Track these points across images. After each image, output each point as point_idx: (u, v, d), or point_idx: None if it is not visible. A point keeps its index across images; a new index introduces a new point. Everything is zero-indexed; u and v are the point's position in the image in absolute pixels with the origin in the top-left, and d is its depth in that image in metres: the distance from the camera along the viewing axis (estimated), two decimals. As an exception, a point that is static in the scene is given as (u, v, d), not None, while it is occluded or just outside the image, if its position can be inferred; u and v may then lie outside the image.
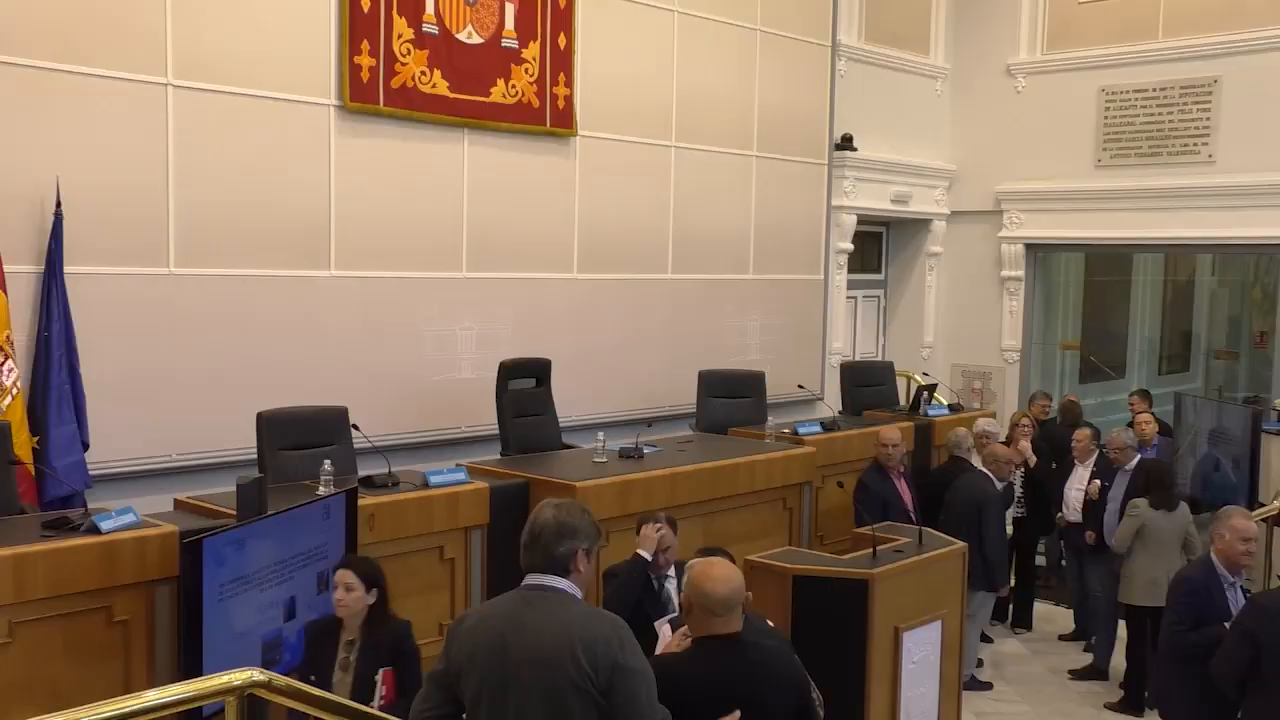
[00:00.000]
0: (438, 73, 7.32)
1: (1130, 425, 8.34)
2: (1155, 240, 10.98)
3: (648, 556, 4.72)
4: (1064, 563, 8.67)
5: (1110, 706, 6.87)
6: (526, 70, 7.84)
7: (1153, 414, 9.06)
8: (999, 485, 7.20)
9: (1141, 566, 6.70)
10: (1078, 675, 7.35)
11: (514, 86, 7.78)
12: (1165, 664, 5.13)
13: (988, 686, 7.19)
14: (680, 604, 3.58)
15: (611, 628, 3.02)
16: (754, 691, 3.29)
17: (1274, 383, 10.20)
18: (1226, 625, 4.77)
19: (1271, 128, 9.91)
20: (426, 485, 5.56)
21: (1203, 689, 4.81)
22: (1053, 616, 8.47)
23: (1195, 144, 10.41)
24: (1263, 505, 8.07)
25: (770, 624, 4.24)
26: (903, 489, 7.09)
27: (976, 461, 7.54)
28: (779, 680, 3.38)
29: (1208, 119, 10.31)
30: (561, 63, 8.04)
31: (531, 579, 3.08)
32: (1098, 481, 7.58)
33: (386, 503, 5.30)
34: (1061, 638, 8.05)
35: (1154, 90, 10.61)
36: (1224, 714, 4.84)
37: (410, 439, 7.31)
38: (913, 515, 6.89)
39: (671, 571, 4.84)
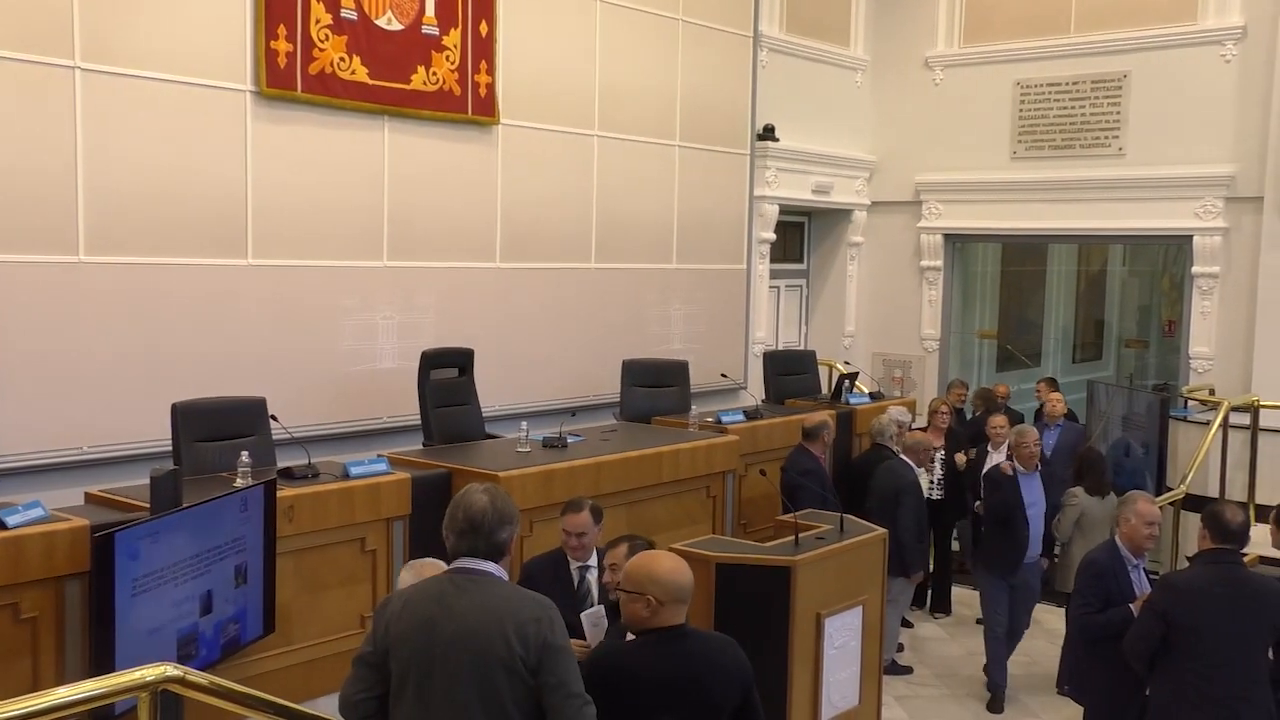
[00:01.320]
0: (357, 59, 7.22)
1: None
2: (1069, 231, 11.24)
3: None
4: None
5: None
6: (447, 58, 7.76)
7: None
8: (916, 473, 7.30)
9: (1079, 554, 6.83)
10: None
11: (435, 74, 7.70)
12: (1074, 646, 5.25)
13: (908, 670, 7.31)
14: (617, 593, 3.53)
15: (541, 608, 3.06)
16: (701, 683, 3.28)
17: (1182, 370, 10.48)
18: (1132, 606, 4.90)
19: (1178, 122, 10.18)
20: (347, 476, 5.49)
21: (1112, 669, 4.94)
22: (970, 600, 8.63)
23: (1106, 137, 10.66)
24: (1171, 489, 8.30)
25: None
26: None
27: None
28: (726, 673, 3.36)
29: (1118, 113, 10.57)
30: (483, 50, 7.97)
31: (463, 563, 3.09)
32: (962, 455, 7.86)
33: (306, 494, 5.22)
34: (979, 621, 8.21)
35: (1067, 84, 10.84)
36: (1132, 693, 4.98)
37: (331, 430, 7.22)
38: None
39: (592, 561, 4.83)
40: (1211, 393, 9.80)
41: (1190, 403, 9.73)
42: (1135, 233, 10.89)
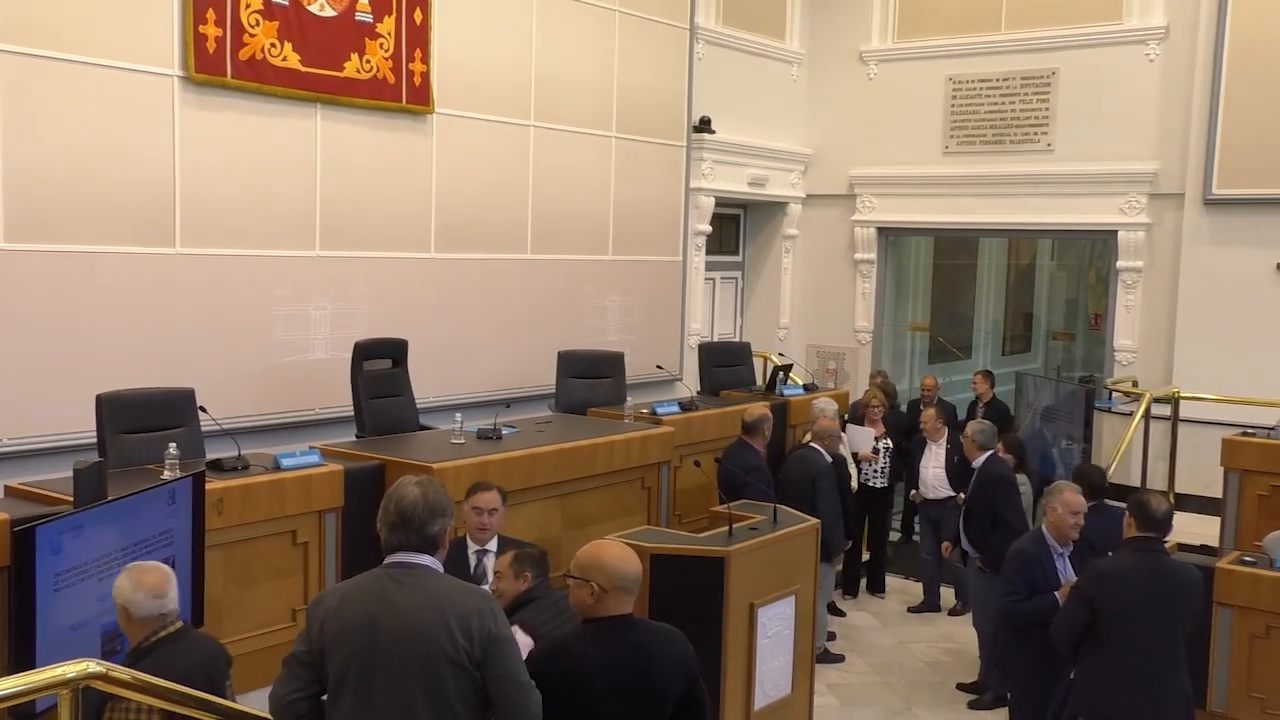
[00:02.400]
0: (288, 45, 7.12)
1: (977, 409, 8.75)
2: (999, 225, 11.43)
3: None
4: (917, 537, 8.99)
5: (961, 687, 7.07)
6: (381, 45, 7.68)
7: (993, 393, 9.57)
8: (829, 459, 7.34)
9: None
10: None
11: (368, 61, 7.62)
12: (1001, 633, 5.35)
13: (840, 659, 7.39)
14: (568, 579, 3.49)
15: (483, 600, 3.06)
16: (648, 672, 3.30)
17: (1107, 362, 10.72)
18: (1057, 594, 5.02)
19: (1104, 119, 10.40)
20: (278, 468, 5.42)
21: (1037, 656, 5.06)
22: (905, 589, 8.76)
23: (1036, 133, 10.85)
24: (1095, 478, 8.48)
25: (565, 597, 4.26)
26: None
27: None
28: (672, 663, 3.38)
29: (1047, 109, 10.76)
30: (418, 39, 7.90)
31: (399, 557, 3.05)
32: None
33: (236, 486, 5.15)
34: (911, 610, 8.33)
35: (997, 80, 11.01)
36: (1056, 680, 5.09)
37: (261, 421, 7.13)
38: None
39: (492, 545, 4.82)
40: (1135, 385, 10.04)
41: (1114, 394, 9.96)
42: (1062, 227, 11.11)
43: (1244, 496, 7.09)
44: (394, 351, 7.22)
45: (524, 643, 3.64)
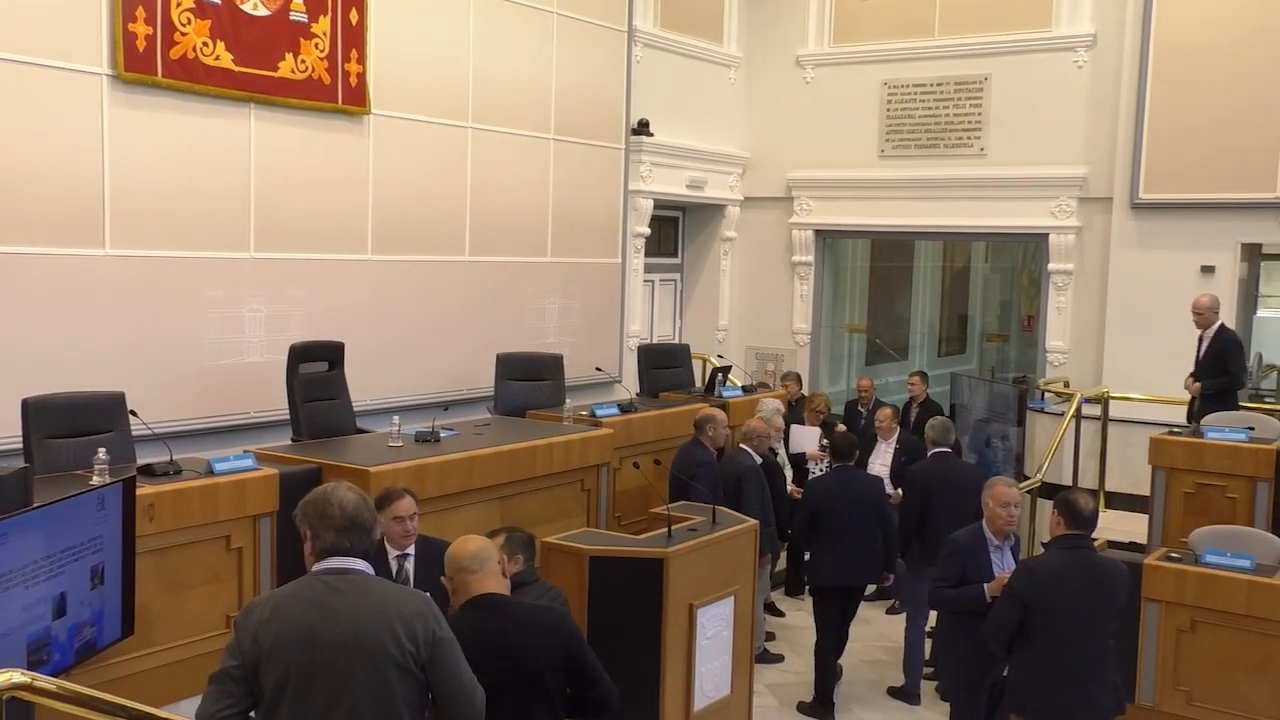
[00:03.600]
0: (221, 44, 7.02)
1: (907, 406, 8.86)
2: (934, 228, 11.59)
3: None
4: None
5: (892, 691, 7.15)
6: (317, 45, 7.60)
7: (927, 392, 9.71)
8: (757, 459, 7.39)
9: None
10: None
11: (303, 61, 7.53)
12: (940, 624, 5.45)
13: (779, 659, 7.44)
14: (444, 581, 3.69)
15: (424, 603, 3.05)
16: (513, 646, 3.47)
17: (1039, 363, 10.90)
18: (986, 587, 5.10)
19: (1035, 124, 10.59)
20: (211, 473, 5.33)
21: (968, 641, 5.13)
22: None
23: (969, 138, 11.01)
24: (1028, 478, 8.63)
25: (560, 593, 4.34)
26: None
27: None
28: (539, 637, 3.53)
29: (980, 114, 10.93)
30: (354, 39, 7.83)
31: (333, 563, 2.99)
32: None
33: (167, 491, 5.06)
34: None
35: (931, 85, 11.16)
36: (984, 665, 5.17)
37: (195, 425, 7.03)
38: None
39: (411, 549, 4.80)
40: (1066, 385, 10.23)
41: (1046, 395, 10.14)
42: (996, 230, 11.29)
43: (1170, 494, 7.23)
44: (330, 354, 7.14)
45: None
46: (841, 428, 8.64)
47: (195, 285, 7.13)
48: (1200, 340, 8.21)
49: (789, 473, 8.13)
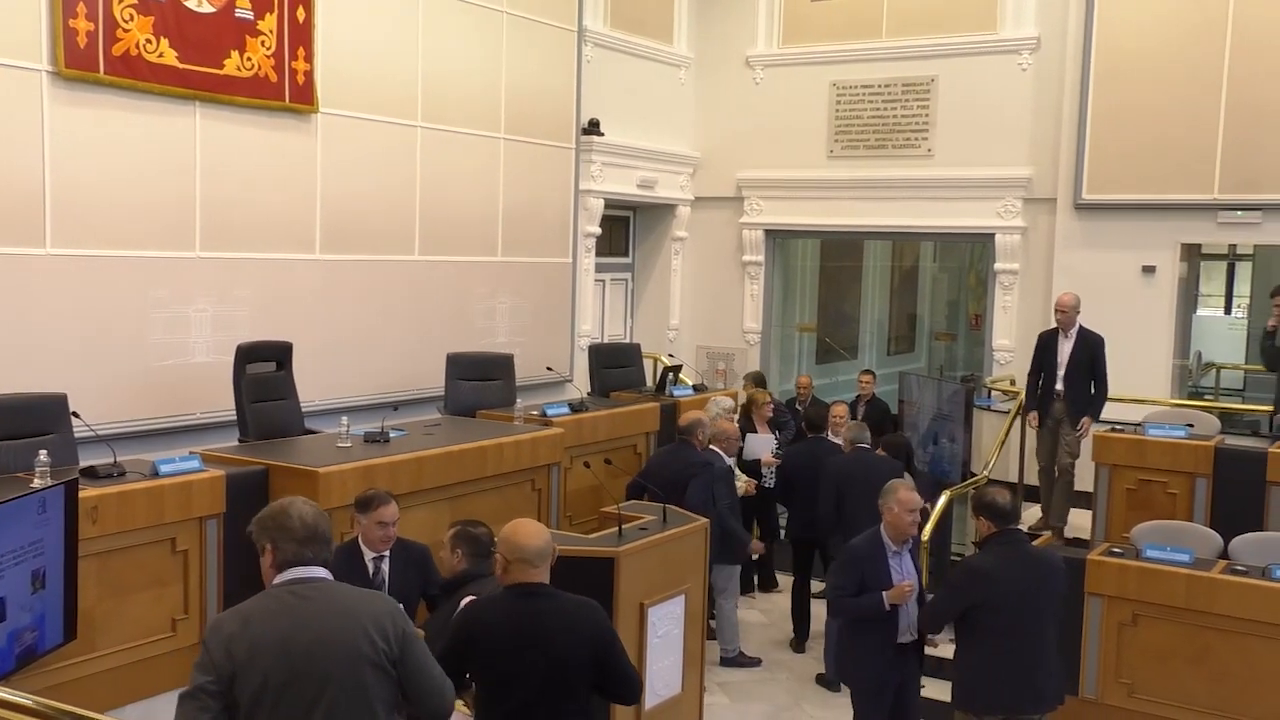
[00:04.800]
0: (165, 41, 6.93)
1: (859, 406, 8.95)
2: (883, 228, 11.69)
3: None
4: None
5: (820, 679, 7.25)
6: (263, 43, 7.53)
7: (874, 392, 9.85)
8: (728, 460, 7.46)
9: None
10: None
11: (249, 59, 7.45)
12: (833, 630, 5.42)
13: (756, 662, 7.40)
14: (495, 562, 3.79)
15: (388, 601, 3.19)
16: (547, 637, 3.58)
17: (986, 362, 11.03)
18: (883, 594, 5.08)
19: (981, 126, 10.71)
20: (156, 474, 5.27)
21: (862, 652, 5.18)
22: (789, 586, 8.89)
23: (917, 139, 11.12)
24: (974, 475, 8.74)
25: None
26: None
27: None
28: (573, 631, 3.64)
29: (927, 115, 11.04)
30: (300, 36, 7.76)
31: (297, 573, 3.03)
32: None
33: (111, 494, 4.99)
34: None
35: (880, 86, 11.26)
36: (882, 678, 5.21)
37: (139, 427, 6.94)
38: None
39: (387, 551, 4.81)
40: (1012, 383, 10.34)
41: (993, 393, 10.26)
42: (943, 230, 11.41)
43: (1113, 490, 7.37)
44: (278, 354, 7.07)
45: None
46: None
47: (140, 285, 7.03)
48: (1055, 340, 8.21)
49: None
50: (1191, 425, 7.59)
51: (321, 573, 3.06)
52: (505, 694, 3.60)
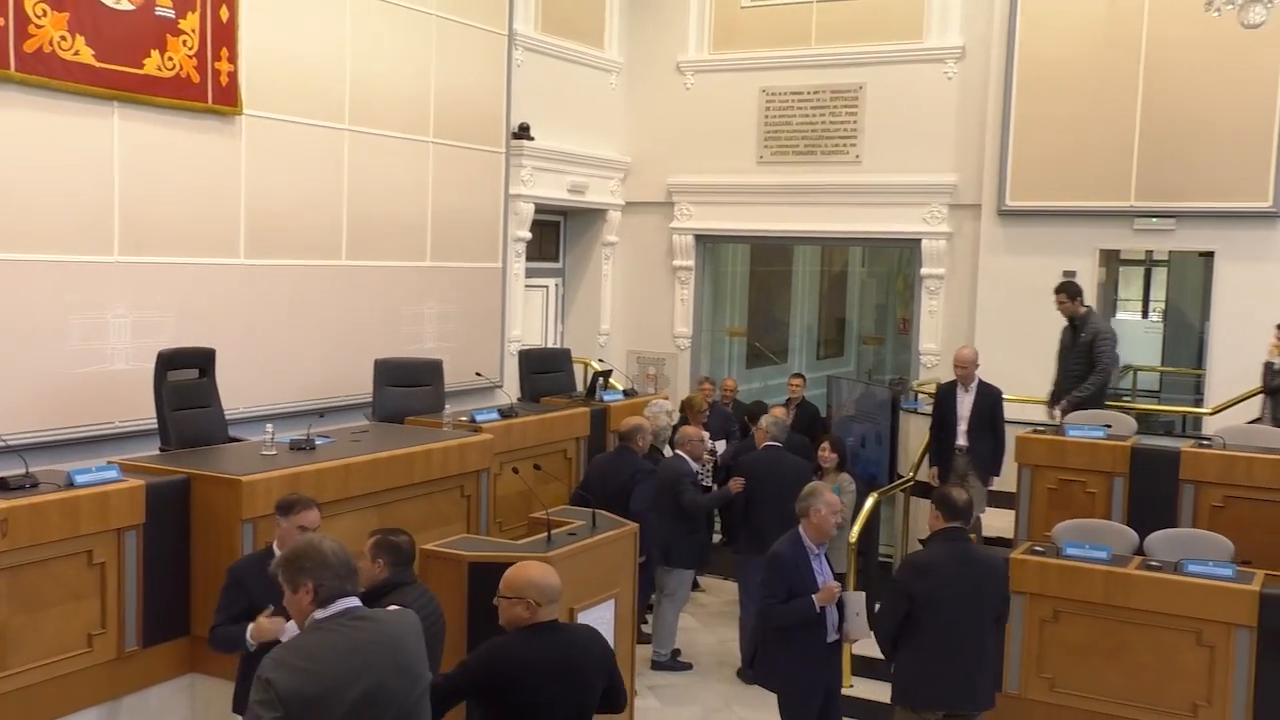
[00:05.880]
0: (81, 39, 6.77)
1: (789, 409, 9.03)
2: (812, 233, 11.80)
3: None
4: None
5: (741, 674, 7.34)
6: (184, 42, 7.39)
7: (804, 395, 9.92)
8: (694, 465, 7.57)
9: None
10: None
11: (170, 59, 7.32)
12: (758, 634, 5.42)
13: (688, 667, 7.44)
14: (499, 599, 3.86)
15: (417, 621, 3.42)
16: (578, 666, 3.82)
17: (913, 365, 11.18)
18: (813, 597, 5.14)
19: (908, 133, 10.86)
20: (71, 485, 5.13)
21: (794, 658, 5.23)
22: (719, 589, 8.94)
23: (845, 145, 11.24)
24: (901, 477, 8.86)
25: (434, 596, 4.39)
26: None
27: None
28: (596, 657, 3.90)
29: (855, 122, 11.17)
30: (224, 37, 7.64)
31: (346, 603, 3.18)
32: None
33: (23, 506, 4.85)
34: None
35: (809, 93, 11.36)
36: (815, 681, 5.27)
37: (55, 436, 6.78)
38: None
39: None
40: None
41: (920, 396, 10.40)
42: (871, 236, 11.53)
43: (1035, 490, 7.50)
44: (201, 361, 6.95)
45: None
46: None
47: (55, 290, 6.86)
48: (954, 394, 8.11)
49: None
50: (1109, 426, 7.75)
51: (359, 602, 3.23)
52: None
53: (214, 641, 4.54)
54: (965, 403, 8.06)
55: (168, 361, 6.70)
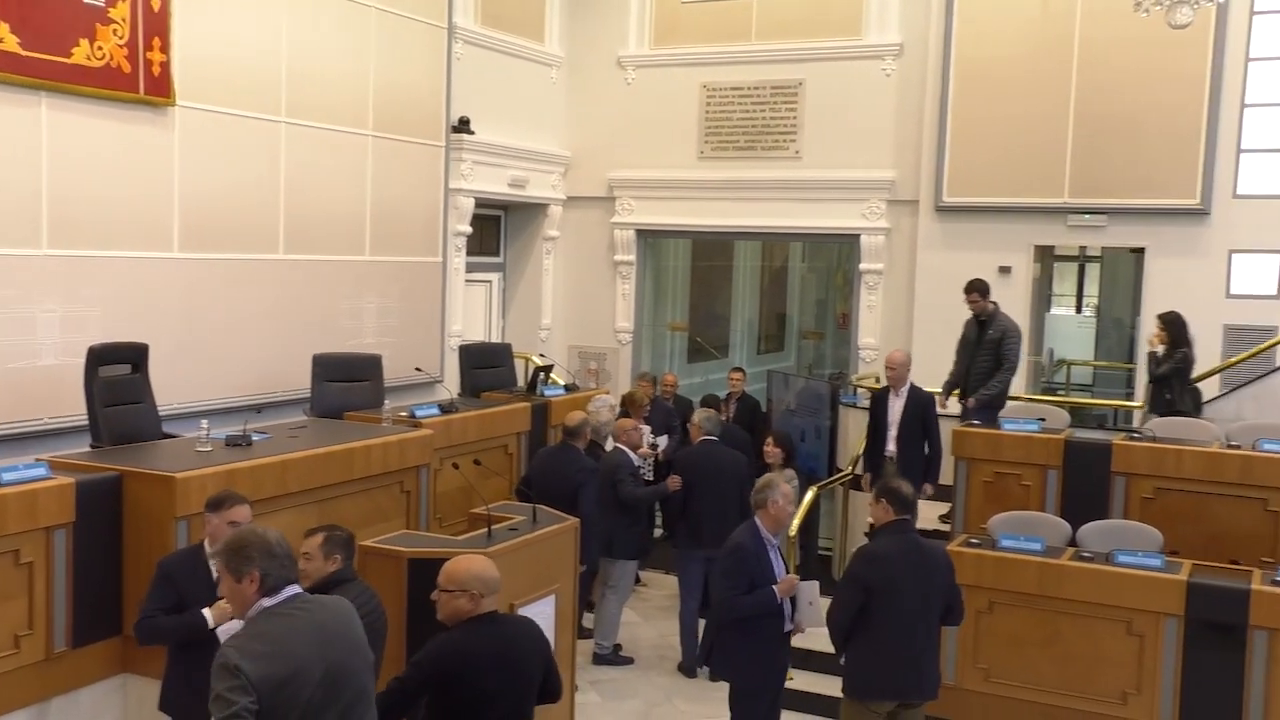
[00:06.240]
0: (5, 26, 6.59)
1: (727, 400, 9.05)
2: (752, 228, 11.87)
3: None
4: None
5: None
6: (115, 31, 7.24)
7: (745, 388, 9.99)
8: (634, 456, 7.64)
9: None
10: None
11: (100, 48, 7.16)
12: (718, 626, 5.45)
13: (629, 661, 7.46)
14: (439, 593, 3.90)
15: (351, 603, 3.50)
16: (520, 656, 3.90)
17: (852, 360, 11.28)
18: (774, 587, 5.18)
19: (847, 129, 10.96)
20: (-2, 483, 5.02)
21: (754, 649, 5.26)
22: (662, 583, 8.96)
23: (785, 140, 11.31)
24: (841, 470, 8.93)
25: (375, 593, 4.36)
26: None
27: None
28: (535, 648, 4.00)
29: (795, 118, 11.24)
30: (156, 26, 7.49)
31: (293, 590, 3.25)
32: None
33: (-52, 505, 4.75)
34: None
35: (749, 89, 11.42)
36: (772, 672, 5.31)
37: (-19, 434, 6.60)
38: None
39: None
40: (877, 380, 10.59)
41: (859, 390, 10.50)
42: (811, 231, 11.63)
43: (971, 483, 7.60)
44: (133, 356, 6.81)
45: None
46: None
47: (-19, 284, 6.70)
48: (885, 400, 8.05)
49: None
50: (1044, 419, 7.88)
51: (301, 589, 3.30)
52: (475, 715, 3.81)
53: (140, 632, 4.51)
54: (895, 408, 7.98)
55: (99, 357, 6.56)
